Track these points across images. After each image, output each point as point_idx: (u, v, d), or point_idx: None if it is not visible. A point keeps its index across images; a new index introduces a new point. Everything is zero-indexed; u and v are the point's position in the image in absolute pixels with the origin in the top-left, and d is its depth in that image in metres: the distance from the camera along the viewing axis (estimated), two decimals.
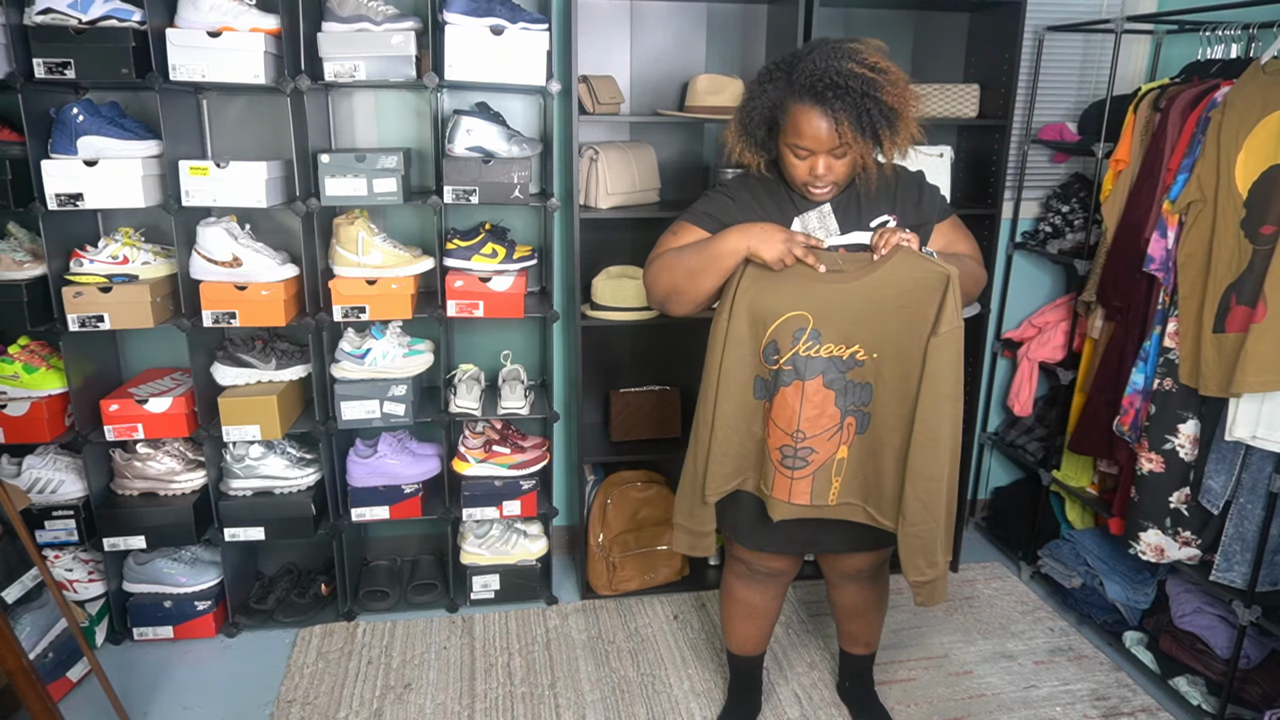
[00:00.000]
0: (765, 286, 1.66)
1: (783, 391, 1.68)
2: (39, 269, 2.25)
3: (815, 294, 1.64)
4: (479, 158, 2.36)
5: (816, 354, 1.66)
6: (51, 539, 2.40)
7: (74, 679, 2.31)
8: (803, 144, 1.63)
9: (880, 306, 1.63)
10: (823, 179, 1.67)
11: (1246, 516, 2.10)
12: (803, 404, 1.67)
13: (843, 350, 1.66)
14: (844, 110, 1.57)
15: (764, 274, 1.66)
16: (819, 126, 1.60)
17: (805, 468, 1.71)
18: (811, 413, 1.68)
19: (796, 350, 1.66)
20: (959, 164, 2.82)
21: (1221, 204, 2.03)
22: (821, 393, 1.67)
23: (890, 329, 1.64)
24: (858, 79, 1.56)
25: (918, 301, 1.62)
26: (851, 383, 1.67)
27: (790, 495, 1.73)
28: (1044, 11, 2.88)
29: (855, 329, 1.65)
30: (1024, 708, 2.33)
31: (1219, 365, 2.02)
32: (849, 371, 1.67)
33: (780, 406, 1.69)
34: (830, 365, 1.66)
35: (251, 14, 2.19)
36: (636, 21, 2.68)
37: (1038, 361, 2.91)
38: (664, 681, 2.41)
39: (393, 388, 2.47)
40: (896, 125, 1.62)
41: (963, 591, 2.88)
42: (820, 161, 1.64)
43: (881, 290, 1.62)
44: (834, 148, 1.62)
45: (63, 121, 2.19)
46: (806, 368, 1.66)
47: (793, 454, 1.70)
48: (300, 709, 2.28)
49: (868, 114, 1.58)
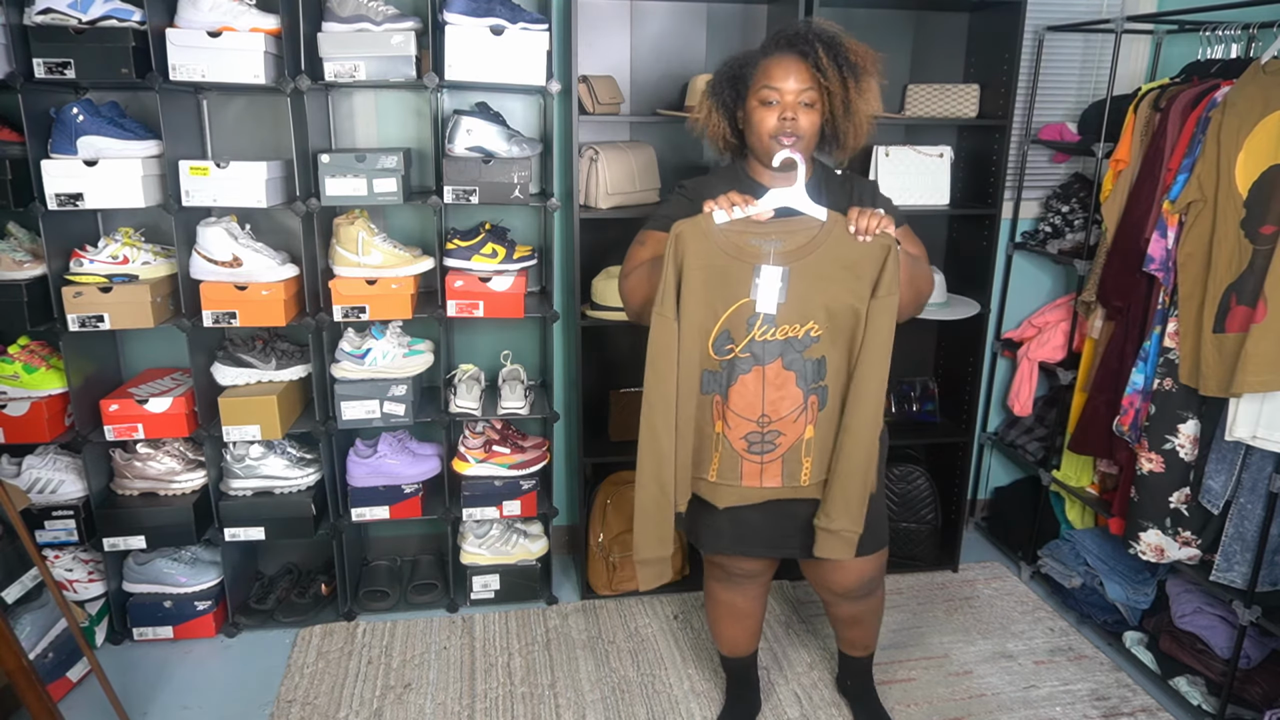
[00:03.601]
0: (712, 278, 1.65)
1: (741, 380, 1.67)
2: (39, 269, 2.25)
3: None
4: (479, 158, 2.36)
5: (772, 337, 1.66)
6: (51, 539, 2.40)
7: (74, 679, 2.31)
8: (773, 84, 1.67)
9: (828, 279, 1.64)
10: (790, 126, 1.67)
11: (1246, 516, 2.10)
12: (765, 388, 1.67)
13: (797, 329, 1.65)
14: (816, 49, 1.65)
15: (709, 267, 1.64)
16: (790, 65, 1.67)
17: (774, 450, 1.71)
18: (774, 395, 1.68)
19: (752, 336, 1.65)
20: (959, 164, 2.82)
21: (1221, 204, 2.03)
22: (782, 375, 1.67)
23: (837, 299, 1.65)
24: (825, 32, 1.68)
25: (861, 270, 1.64)
26: (809, 360, 1.67)
27: (761, 480, 1.74)
28: (1044, 11, 2.88)
29: (806, 307, 1.65)
30: (1024, 708, 2.33)
31: (1219, 365, 2.02)
32: (805, 350, 1.67)
33: (739, 395, 1.68)
34: (787, 346, 1.66)
35: (251, 14, 2.19)
36: (636, 21, 2.68)
37: (1038, 361, 2.91)
38: (664, 681, 2.41)
39: (393, 388, 2.47)
40: (861, 79, 1.68)
41: (963, 591, 2.88)
42: (789, 108, 1.67)
43: (829, 263, 1.64)
44: (805, 88, 1.66)
45: (63, 121, 2.19)
46: (765, 352, 1.66)
47: (760, 439, 1.70)
48: (300, 709, 2.28)
49: (835, 58, 1.66)
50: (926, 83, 2.66)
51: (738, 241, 1.64)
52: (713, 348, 1.68)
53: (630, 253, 1.83)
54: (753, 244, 1.64)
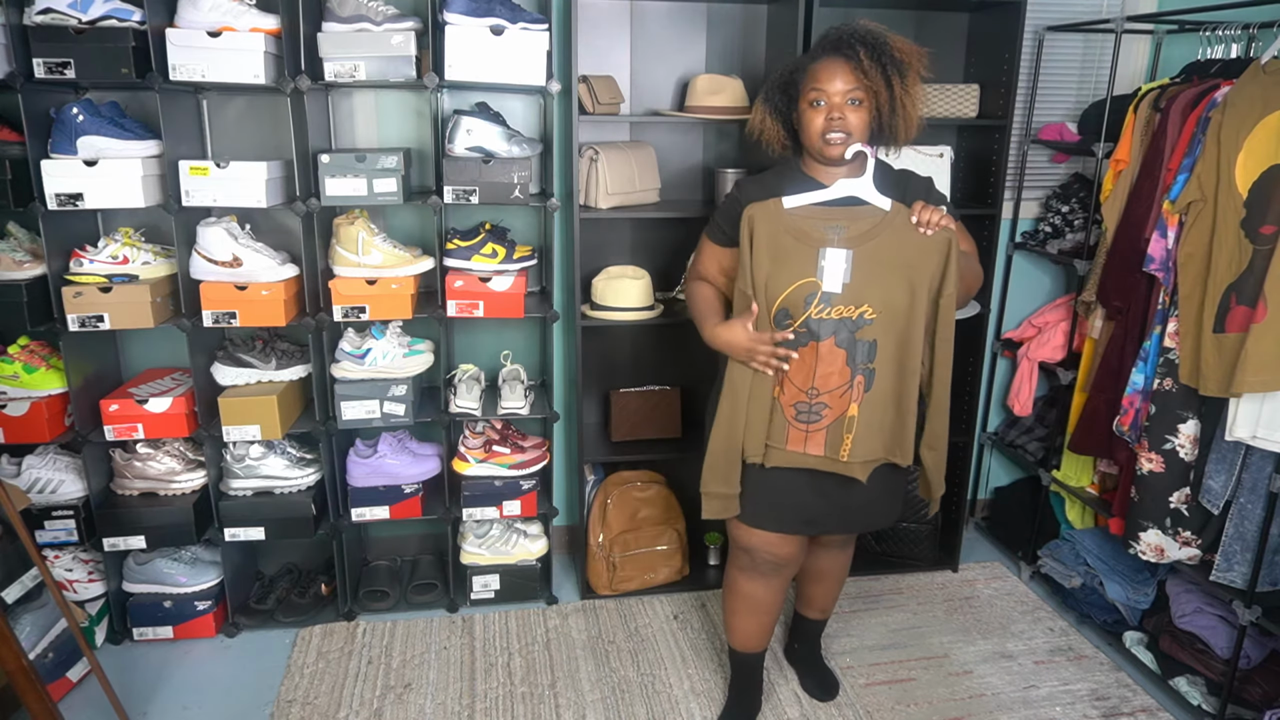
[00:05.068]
0: (778, 257, 1.78)
1: (799, 352, 1.79)
2: (39, 269, 2.25)
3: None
4: (479, 158, 2.36)
5: (828, 316, 1.76)
6: (51, 539, 2.40)
7: (74, 679, 2.31)
8: (820, 86, 1.77)
9: (886, 266, 1.74)
10: (839, 125, 1.76)
11: (1246, 516, 2.10)
12: (818, 363, 1.78)
13: (852, 310, 1.75)
14: (858, 52, 1.74)
15: (775, 247, 1.77)
16: (835, 67, 1.76)
17: (819, 421, 1.82)
18: (825, 370, 1.78)
19: (809, 314, 1.76)
20: (959, 164, 2.82)
21: (1221, 204, 2.03)
22: (834, 352, 1.77)
23: (893, 287, 1.75)
24: (869, 33, 1.77)
25: (920, 261, 1.74)
26: (860, 341, 1.77)
27: (806, 446, 1.84)
28: (1044, 11, 2.88)
29: (863, 289, 1.74)
30: (1024, 708, 2.33)
31: (1219, 365, 2.02)
32: (858, 331, 1.76)
33: (795, 366, 1.79)
34: (841, 326, 1.76)
35: (251, 14, 2.19)
36: (636, 21, 2.68)
37: (1038, 361, 2.91)
38: (664, 681, 2.41)
39: (393, 388, 2.47)
40: (906, 75, 1.78)
41: (963, 591, 2.88)
42: (837, 108, 1.77)
43: (888, 251, 1.75)
44: (851, 89, 1.75)
45: (63, 121, 2.19)
46: (820, 329, 1.76)
47: (807, 409, 1.82)
48: (300, 709, 2.28)
49: (879, 58, 1.75)
50: (927, 83, 2.64)
51: (804, 225, 1.77)
52: (773, 322, 1.80)
53: (695, 252, 2.06)
54: (819, 228, 1.76)
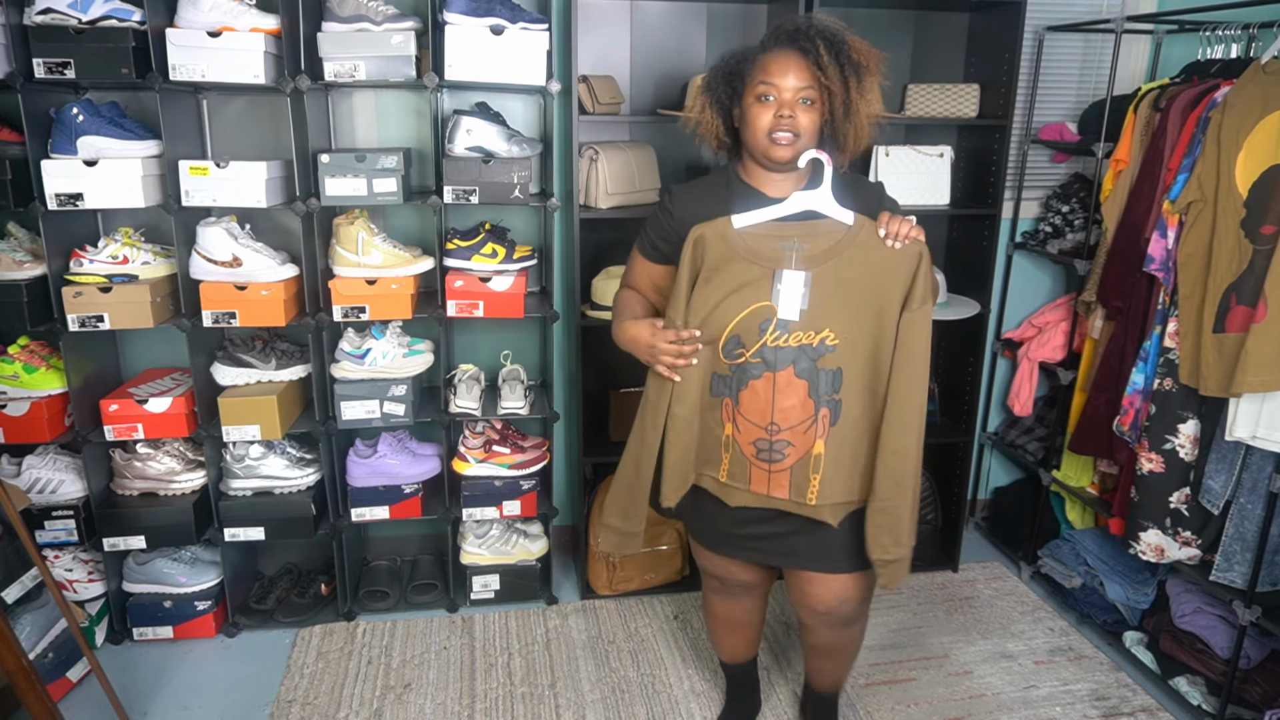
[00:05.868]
0: (729, 281, 1.59)
1: (752, 385, 1.61)
2: (39, 269, 2.25)
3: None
4: (479, 158, 2.36)
5: (785, 343, 1.59)
6: (51, 539, 2.40)
7: (74, 679, 2.31)
8: (770, 80, 1.59)
9: (850, 288, 1.58)
10: (788, 124, 1.59)
11: (1246, 516, 2.10)
12: (775, 395, 1.60)
13: (812, 337, 1.58)
14: (817, 46, 1.58)
15: (725, 270, 1.60)
16: (789, 61, 1.59)
17: (783, 460, 1.64)
18: (785, 404, 1.60)
19: (764, 342, 1.59)
20: (959, 164, 2.82)
21: (1222, 204, 2.03)
22: (794, 383, 1.60)
23: (859, 308, 1.58)
24: (828, 28, 1.61)
25: (888, 277, 1.57)
26: (823, 370, 1.59)
27: (769, 488, 1.67)
28: (1044, 11, 2.88)
29: (823, 314, 1.57)
30: (1024, 708, 2.33)
31: (1219, 365, 2.02)
32: (820, 359, 1.59)
33: (750, 400, 1.62)
34: (800, 354, 1.59)
35: (251, 14, 2.19)
36: (636, 21, 2.68)
37: (1038, 361, 2.91)
38: (664, 681, 2.41)
39: (393, 388, 2.47)
40: (864, 78, 1.61)
41: (963, 591, 2.88)
42: (787, 105, 1.59)
43: (852, 270, 1.57)
44: (805, 86, 1.59)
45: (63, 121, 2.19)
46: (776, 358, 1.59)
47: (768, 448, 1.64)
48: (300, 709, 2.28)
49: (837, 56, 1.58)
50: (926, 83, 2.66)
51: (757, 245, 1.59)
52: (723, 351, 1.62)
53: (627, 265, 1.89)
54: (774, 247, 1.58)
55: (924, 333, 1.59)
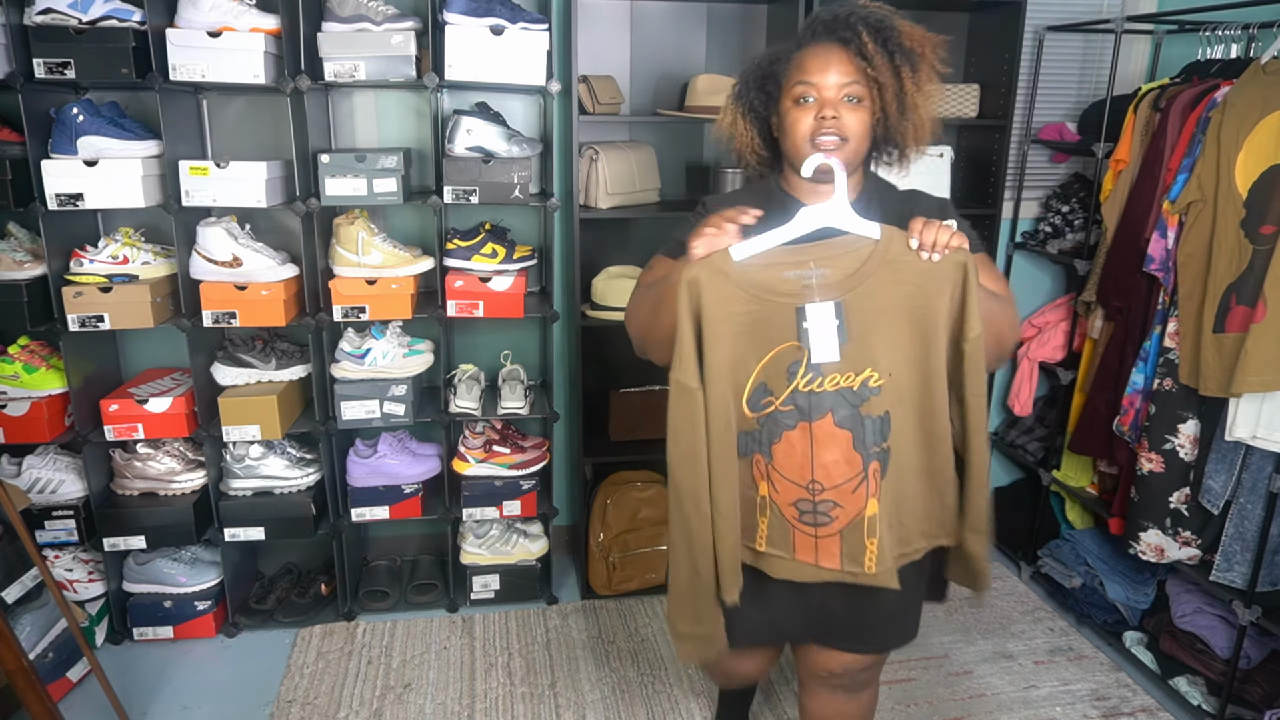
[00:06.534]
0: (742, 328, 1.33)
1: (786, 437, 1.35)
2: (39, 269, 2.25)
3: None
4: (479, 158, 2.36)
5: (821, 388, 1.32)
6: (51, 539, 2.40)
7: (74, 679, 2.31)
8: (809, 79, 1.37)
9: (887, 315, 1.31)
10: (832, 126, 1.36)
11: (1246, 516, 2.10)
12: (814, 449, 1.34)
13: (851, 379, 1.31)
14: (859, 34, 1.36)
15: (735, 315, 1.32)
16: (829, 55, 1.37)
17: (830, 524, 1.36)
18: (827, 459, 1.33)
19: (796, 386, 1.33)
20: (959, 164, 2.82)
21: (1221, 204, 2.03)
22: (835, 434, 1.33)
23: (901, 338, 1.32)
24: (871, 14, 1.40)
25: (931, 297, 1.30)
26: (868, 418, 1.32)
27: (818, 558, 1.39)
28: (1044, 11, 2.88)
29: (863, 348, 1.31)
30: (1024, 708, 2.33)
31: (1219, 365, 2.02)
32: (863, 404, 1.32)
33: (785, 455, 1.35)
34: (839, 400, 1.32)
35: (251, 14, 2.19)
36: (636, 21, 2.68)
37: (1038, 361, 2.91)
38: (664, 681, 2.41)
39: (393, 388, 2.47)
40: (919, 68, 1.39)
41: (963, 591, 2.87)
42: (830, 105, 1.37)
43: (887, 292, 1.30)
44: (849, 82, 1.36)
45: (63, 121, 2.19)
46: (811, 405, 1.33)
47: (811, 509, 1.36)
48: (300, 709, 2.28)
49: (885, 45, 1.37)
50: None
51: (767, 278, 1.31)
52: (748, 404, 1.35)
53: (639, 280, 1.58)
54: (788, 277, 1.31)
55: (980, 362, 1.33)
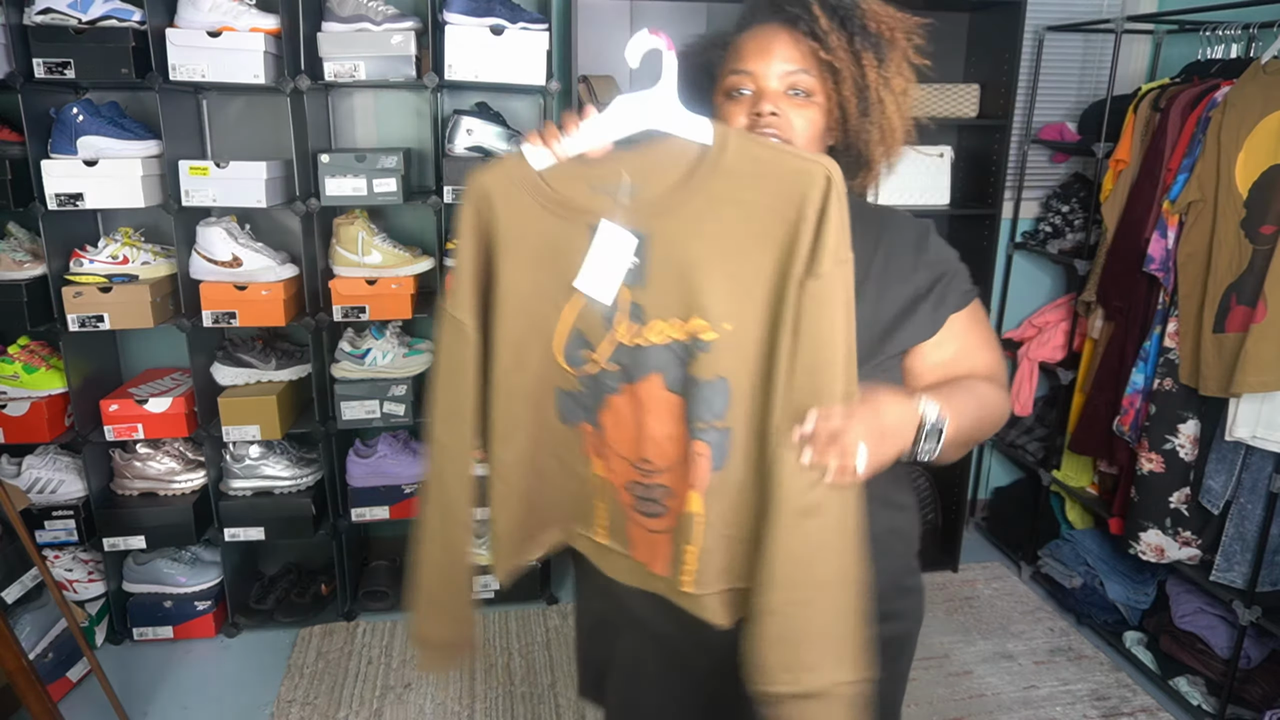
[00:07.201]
0: (544, 252, 1.02)
1: (612, 403, 1.04)
2: (39, 269, 2.25)
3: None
4: (479, 158, 2.36)
5: (644, 341, 1.00)
6: (51, 539, 2.40)
7: (74, 679, 2.31)
8: (745, 67, 1.07)
9: (720, 243, 0.96)
10: (768, 124, 1.06)
11: (1247, 516, 2.10)
12: (643, 418, 1.02)
13: (677, 328, 0.98)
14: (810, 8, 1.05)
15: (533, 235, 1.02)
16: (773, 38, 1.07)
17: (663, 515, 1.05)
18: (659, 431, 1.01)
19: (617, 338, 1.01)
20: (959, 164, 2.82)
21: (1221, 204, 2.03)
22: (667, 400, 1.00)
23: (746, 278, 0.96)
24: None
25: (778, 222, 0.94)
26: (697, 380, 0.97)
27: (652, 558, 1.08)
28: (1044, 11, 2.88)
29: (691, 289, 0.96)
30: (1024, 708, 2.33)
31: (1219, 365, 2.02)
32: (691, 363, 0.98)
33: (615, 426, 1.05)
34: (670, 357, 0.99)
35: (251, 14, 2.19)
36: (636, 21, 2.68)
37: (1038, 361, 2.91)
38: None
39: (393, 388, 2.47)
40: (886, 56, 1.06)
41: (963, 591, 2.88)
42: (769, 98, 1.06)
43: (722, 213, 0.96)
44: (793, 70, 1.06)
45: (63, 121, 2.19)
46: (634, 362, 1.01)
47: (645, 492, 1.05)
48: (300, 709, 2.28)
49: (844, 24, 1.05)
50: (926, 83, 2.66)
51: (573, 193, 1.00)
52: (565, 358, 1.04)
53: None
54: (592, 192, 0.99)
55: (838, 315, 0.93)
